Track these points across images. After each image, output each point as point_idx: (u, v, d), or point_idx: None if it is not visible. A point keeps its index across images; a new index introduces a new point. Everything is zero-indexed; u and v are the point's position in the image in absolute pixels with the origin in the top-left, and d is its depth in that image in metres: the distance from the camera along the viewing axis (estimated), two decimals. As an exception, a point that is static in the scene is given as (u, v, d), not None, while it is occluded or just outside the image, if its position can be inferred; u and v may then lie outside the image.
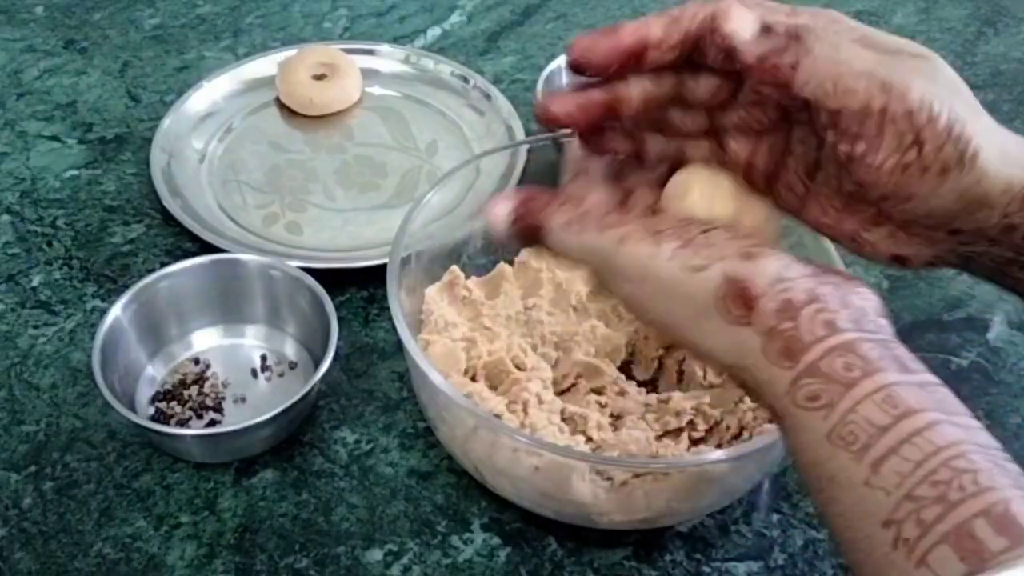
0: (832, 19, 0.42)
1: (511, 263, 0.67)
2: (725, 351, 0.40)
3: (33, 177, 0.79)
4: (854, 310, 0.38)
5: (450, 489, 0.60)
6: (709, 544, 0.58)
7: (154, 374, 0.65)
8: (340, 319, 0.63)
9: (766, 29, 0.41)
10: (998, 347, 0.70)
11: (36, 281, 0.72)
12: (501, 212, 0.46)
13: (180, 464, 0.61)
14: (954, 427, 0.35)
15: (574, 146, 0.48)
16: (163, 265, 0.67)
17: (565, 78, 0.84)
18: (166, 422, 0.62)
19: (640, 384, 0.63)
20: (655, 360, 0.64)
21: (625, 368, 0.64)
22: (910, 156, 0.39)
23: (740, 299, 0.39)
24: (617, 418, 0.60)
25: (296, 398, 0.59)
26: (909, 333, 0.70)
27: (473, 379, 0.60)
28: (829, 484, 0.36)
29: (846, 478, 0.36)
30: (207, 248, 0.71)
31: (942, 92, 0.40)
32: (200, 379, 0.65)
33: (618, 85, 0.44)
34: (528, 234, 0.45)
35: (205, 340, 0.67)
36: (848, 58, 0.40)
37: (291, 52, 0.87)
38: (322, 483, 0.60)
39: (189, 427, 0.62)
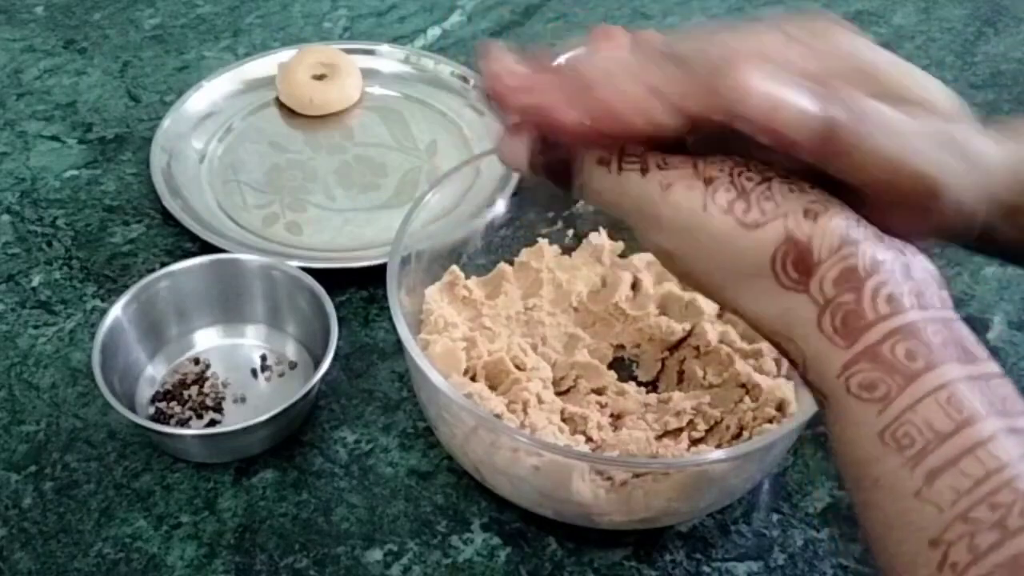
0: (858, 69, 0.37)
1: (511, 263, 0.67)
2: (773, 317, 0.37)
3: (33, 177, 0.79)
4: (917, 283, 0.35)
5: (450, 489, 0.60)
6: (709, 544, 0.58)
7: (154, 374, 0.65)
8: (340, 319, 0.63)
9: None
10: (998, 347, 0.70)
11: (36, 281, 0.72)
12: (520, 147, 0.40)
13: (180, 464, 0.61)
14: (1020, 436, 0.32)
15: None
16: (163, 265, 0.67)
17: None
18: (166, 422, 0.62)
19: (640, 384, 0.63)
20: (658, 361, 0.64)
21: (627, 368, 0.64)
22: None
23: (799, 263, 0.35)
24: (617, 418, 0.60)
25: (296, 398, 0.59)
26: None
27: (473, 379, 0.60)
28: (873, 486, 0.33)
29: (895, 485, 0.33)
30: (207, 248, 0.71)
31: (960, 154, 0.36)
32: (200, 379, 0.65)
33: None
34: (555, 171, 0.40)
35: (205, 340, 0.67)
36: (889, 145, 0.35)
37: (291, 52, 0.87)
38: (322, 483, 0.60)
39: (189, 427, 0.62)
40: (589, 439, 0.58)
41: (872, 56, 0.37)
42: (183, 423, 0.62)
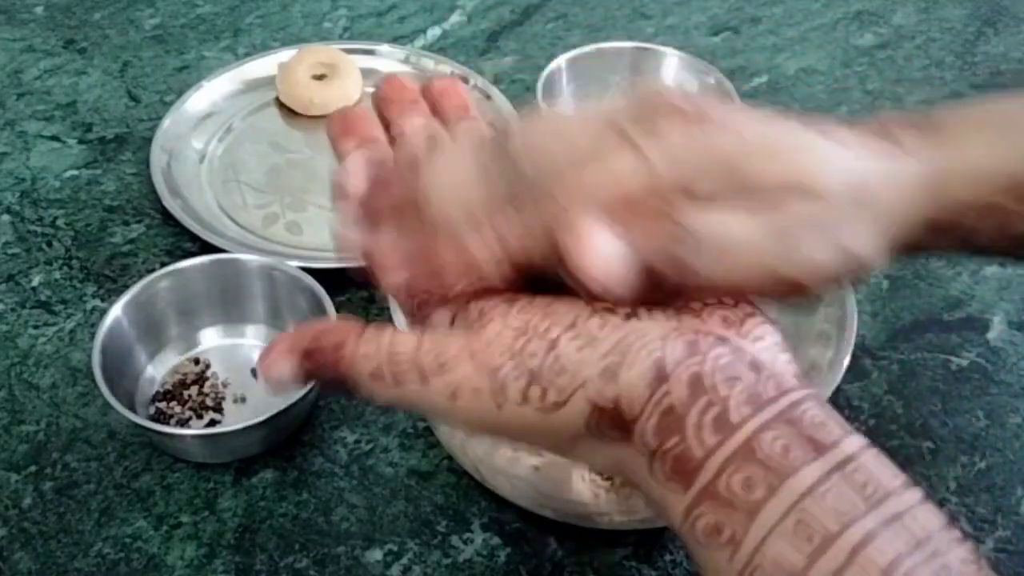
0: (714, 160, 0.33)
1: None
2: (610, 468, 0.35)
3: (33, 177, 0.79)
4: (747, 380, 0.32)
5: (450, 489, 0.60)
6: (709, 544, 0.58)
7: (154, 374, 0.65)
8: (340, 319, 0.63)
9: (639, 270, 0.33)
10: (998, 347, 0.70)
11: (36, 281, 0.72)
12: (281, 369, 0.36)
13: (180, 464, 0.61)
14: (888, 532, 0.29)
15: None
16: (163, 265, 0.67)
17: (565, 78, 0.84)
18: (166, 422, 0.62)
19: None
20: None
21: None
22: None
23: (615, 424, 0.33)
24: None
25: (296, 398, 0.59)
26: (909, 333, 0.70)
27: (473, 379, 0.60)
28: None
29: None
30: (207, 248, 0.71)
31: (832, 240, 0.34)
32: (200, 379, 0.65)
33: None
34: (330, 387, 0.37)
35: (205, 340, 0.67)
36: (736, 261, 0.33)
37: (291, 52, 0.87)
38: (322, 483, 0.60)
39: (189, 427, 0.62)
40: (589, 439, 0.58)
41: (730, 146, 0.34)
42: (183, 423, 0.62)
